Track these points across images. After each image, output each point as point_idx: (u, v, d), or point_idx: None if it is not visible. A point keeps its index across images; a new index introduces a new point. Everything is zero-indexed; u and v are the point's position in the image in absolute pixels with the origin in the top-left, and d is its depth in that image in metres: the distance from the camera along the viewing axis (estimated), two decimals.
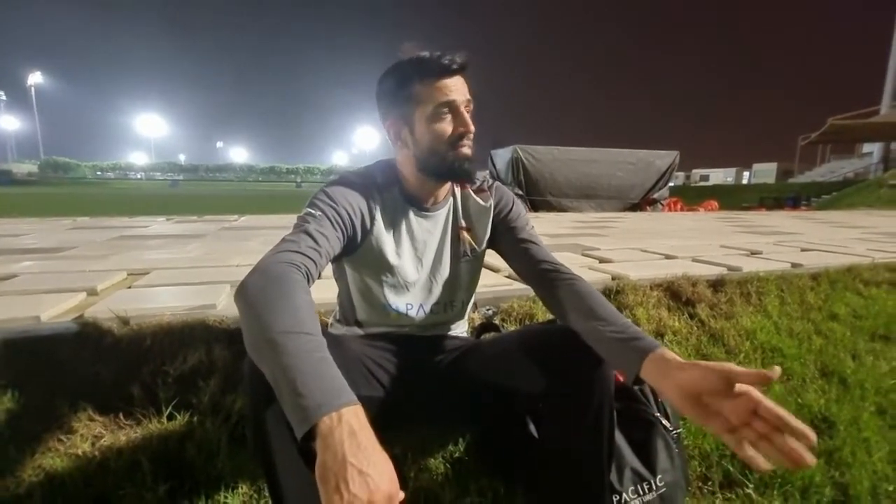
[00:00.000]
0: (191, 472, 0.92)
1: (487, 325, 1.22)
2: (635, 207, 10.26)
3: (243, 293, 0.67)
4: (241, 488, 0.91)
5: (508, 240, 1.02)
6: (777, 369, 0.58)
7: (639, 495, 0.90)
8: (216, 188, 35.45)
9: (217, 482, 0.90)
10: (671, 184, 11.25)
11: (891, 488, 1.14)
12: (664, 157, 10.70)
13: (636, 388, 1.04)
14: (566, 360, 0.82)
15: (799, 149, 27.74)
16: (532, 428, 0.97)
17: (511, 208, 1.04)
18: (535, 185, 9.95)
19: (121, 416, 1.01)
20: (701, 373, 0.62)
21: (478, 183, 1.03)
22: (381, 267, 0.94)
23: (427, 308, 1.00)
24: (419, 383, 0.95)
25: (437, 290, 1.00)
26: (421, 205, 0.97)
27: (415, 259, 0.98)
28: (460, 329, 1.10)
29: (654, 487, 0.91)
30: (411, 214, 0.96)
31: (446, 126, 0.87)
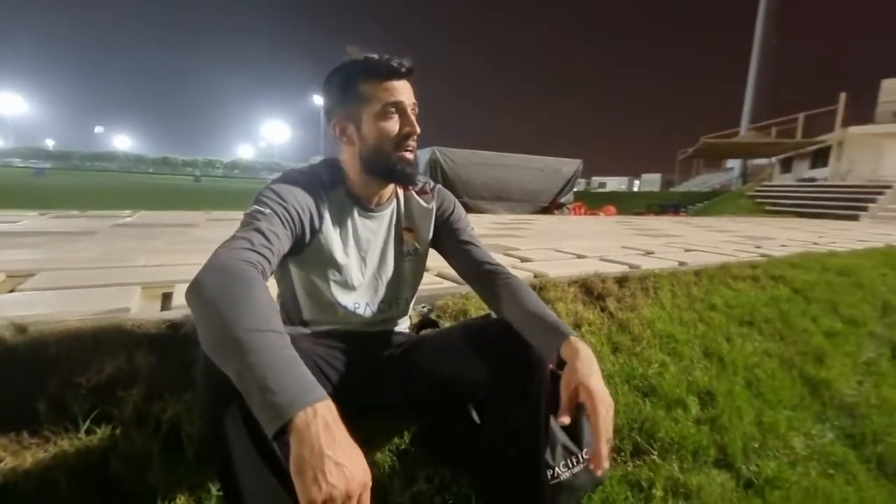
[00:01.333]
0: (119, 489, 0.85)
1: (426, 322, 1.27)
2: (545, 210, 10.96)
3: (199, 291, 0.65)
4: (179, 500, 0.86)
5: (450, 241, 1.08)
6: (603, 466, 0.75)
7: (569, 468, 1.00)
8: (96, 179, 31.25)
9: (151, 496, 0.85)
10: (575, 189, 12.18)
11: (756, 445, 1.38)
12: (569, 165, 11.54)
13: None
14: (504, 349, 0.89)
15: (678, 162, 31.49)
16: (474, 415, 1.03)
17: (453, 211, 1.10)
18: (453, 187, 10.19)
19: (24, 434, 0.90)
20: (574, 386, 0.78)
21: (420, 185, 1.08)
22: (328, 266, 0.95)
23: (374, 306, 1.02)
24: (367, 379, 0.98)
25: (383, 288, 1.03)
26: (365, 205, 0.99)
27: (360, 258, 1.00)
28: (404, 325, 1.14)
29: (580, 460, 1.02)
30: (356, 214, 0.99)
31: (393, 125, 0.91)
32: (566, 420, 0.81)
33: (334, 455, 0.52)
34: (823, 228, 6.90)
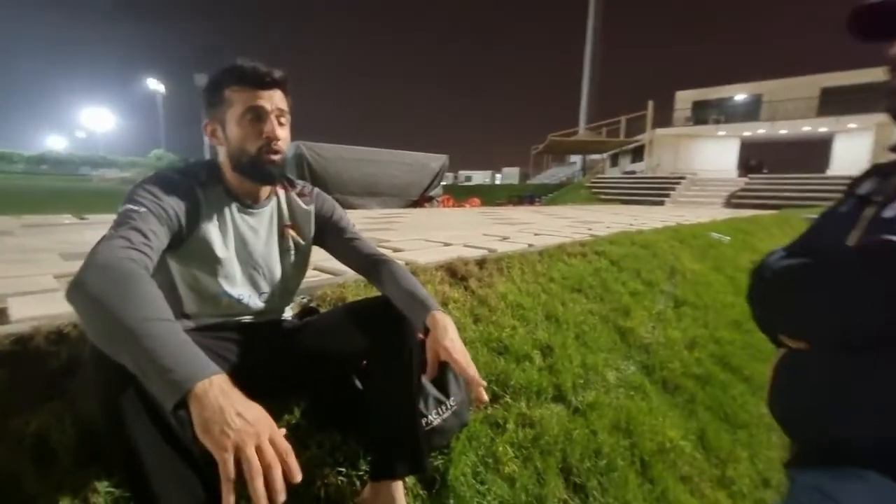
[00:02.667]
0: None
1: (309, 310, 1.37)
2: (415, 204, 11.32)
3: (83, 289, 0.69)
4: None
5: (335, 239, 1.20)
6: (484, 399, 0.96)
7: (439, 415, 1.21)
8: None
9: None
10: (443, 183, 12.81)
11: (582, 382, 1.77)
12: (436, 160, 12.07)
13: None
14: (384, 322, 1.06)
15: (532, 157, 34.92)
16: (357, 383, 1.18)
17: (333, 211, 1.22)
18: (321, 182, 9.93)
19: None
20: (435, 348, 0.97)
21: (299, 187, 1.18)
22: (211, 259, 1.01)
23: (260, 297, 1.10)
24: (256, 367, 1.06)
25: (268, 281, 1.12)
26: (244, 202, 1.07)
27: (242, 253, 1.07)
28: (288, 314, 1.23)
29: (448, 407, 1.24)
30: (236, 211, 1.05)
31: (253, 129, 0.97)
32: (432, 375, 1.01)
33: (234, 408, 0.61)
34: (638, 212, 8.42)
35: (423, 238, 3.31)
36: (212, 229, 1.00)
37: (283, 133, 1.03)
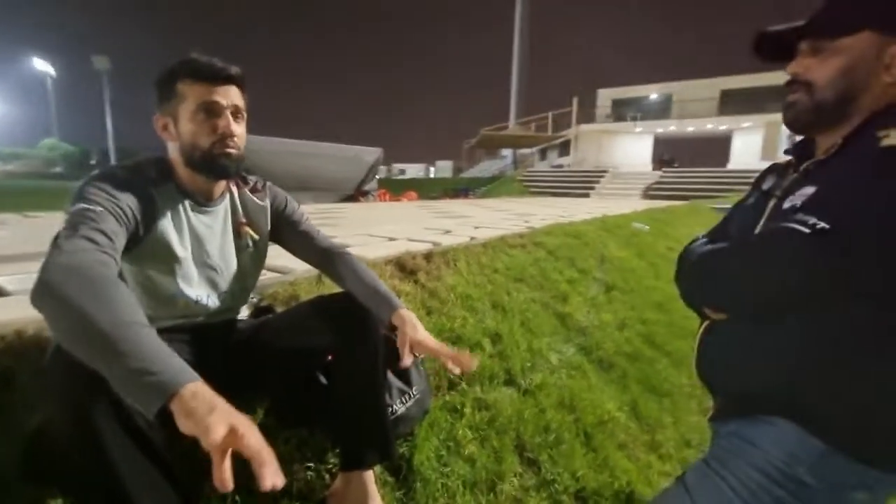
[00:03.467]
0: None
1: (264, 309, 1.35)
2: (350, 199, 11.12)
3: (51, 292, 0.66)
4: None
5: (290, 234, 1.19)
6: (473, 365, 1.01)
7: (403, 404, 1.26)
8: None
9: None
10: (377, 177, 12.68)
11: (529, 365, 1.90)
12: (371, 153, 11.91)
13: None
14: (349, 317, 1.09)
15: (464, 150, 35.42)
16: (322, 378, 1.20)
17: (286, 205, 1.21)
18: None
19: None
20: (409, 344, 1.02)
21: (251, 182, 1.16)
22: (168, 259, 0.98)
23: (217, 297, 1.08)
24: (217, 369, 1.03)
25: (226, 279, 1.10)
26: (198, 199, 1.04)
27: (198, 252, 1.04)
28: (244, 314, 1.22)
29: (412, 396, 1.29)
30: (189, 209, 1.03)
31: (207, 124, 0.95)
32: (407, 363, 1.03)
33: (220, 408, 0.60)
34: (568, 204, 8.90)
35: (366, 233, 3.30)
36: (168, 228, 0.97)
37: (240, 129, 1.01)
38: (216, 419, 0.58)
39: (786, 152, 0.87)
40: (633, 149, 24.61)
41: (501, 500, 1.29)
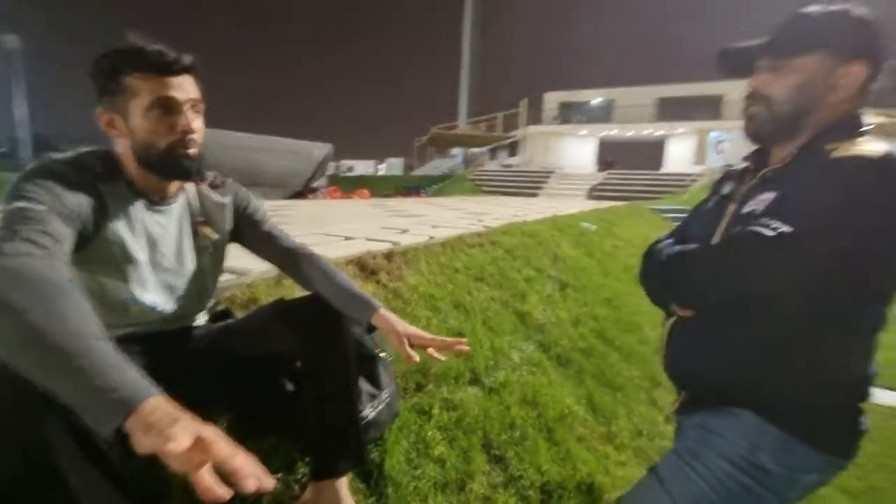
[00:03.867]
0: None
1: (221, 313, 1.27)
2: (298, 195, 10.76)
3: None
4: None
5: (253, 233, 1.13)
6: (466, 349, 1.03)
7: (374, 408, 1.23)
8: None
9: None
10: (327, 173, 12.36)
11: (493, 363, 1.92)
12: (321, 149, 11.58)
13: (365, 333, 1.36)
14: (319, 320, 1.05)
15: (416, 148, 35.31)
16: (289, 385, 1.15)
17: (248, 203, 1.15)
18: None
19: None
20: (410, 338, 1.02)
21: (210, 178, 1.09)
22: (121, 263, 0.90)
23: (175, 301, 1.01)
24: (176, 377, 0.96)
25: (184, 282, 1.03)
26: (151, 198, 0.97)
27: (153, 253, 0.97)
28: (202, 319, 1.14)
29: (381, 399, 1.26)
30: (142, 208, 0.95)
31: (164, 122, 0.88)
32: (416, 359, 1.01)
33: (182, 420, 0.55)
34: (519, 204, 9.11)
35: (321, 232, 3.21)
36: (121, 230, 0.89)
37: (199, 124, 0.95)
38: (178, 430, 0.53)
39: (744, 159, 0.94)
40: (578, 151, 25.57)
41: (472, 500, 1.30)
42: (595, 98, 26.82)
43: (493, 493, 1.36)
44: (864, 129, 0.78)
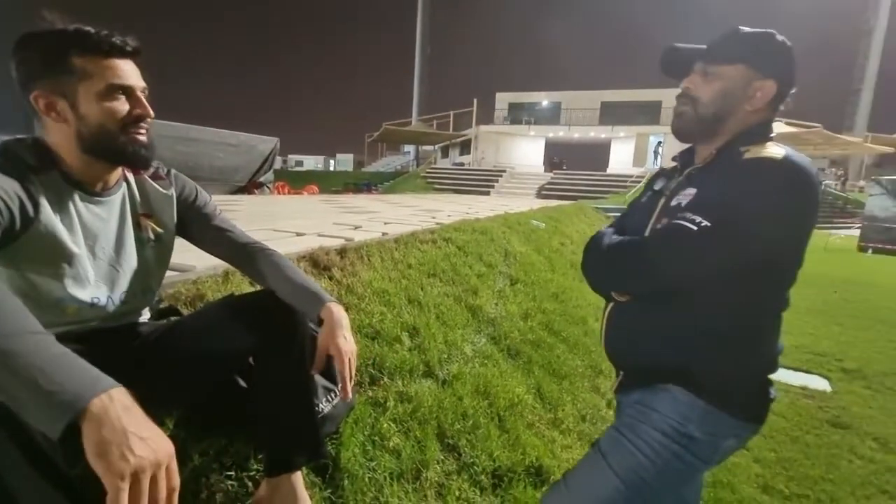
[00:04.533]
0: None
1: (168, 310, 1.23)
2: (242, 191, 10.31)
3: None
4: None
5: (201, 228, 1.10)
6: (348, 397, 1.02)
7: (329, 402, 1.24)
8: None
9: None
10: (274, 168, 11.91)
11: (446, 356, 1.97)
12: (266, 143, 11.13)
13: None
14: (272, 316, 1.04)
15: (367, 144, 34.80)
16: (241, 382, 1.13)
17: (196, 196, 1.12)
18: None
19: None
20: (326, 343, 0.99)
21: (153, 168, 1.05)
22: (56, 258, 0.86)
23: (117, 297, 0.97)
24: (121, 375, 0.93)
25: (126, 278, 0.99)
26: (88, 189, 0.93)
27: (91, 248, 0.93)
28: (146, 316, 1.10)
29: (337, 394, 1.27)
30: (78, 200, 0.91)
31: (120, 106, 0.87)
32: (319, 368, 1.03)
33: (138, 430, 0.54)
34: (471, 201, 9.25)
35: (270, 228, 3.12)
36: (55, 223, 0.85)
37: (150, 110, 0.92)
38: (127, 451, 0.52)
39: (673, 159, 1.03)
40: (527, 150, 26.26)
41: (426, 488, 1.33)
42: (543, 100, 27.63)
43: (447, 481, 1.41)
44: (772, 135, 0.88)
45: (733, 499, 1.92)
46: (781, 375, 3.29)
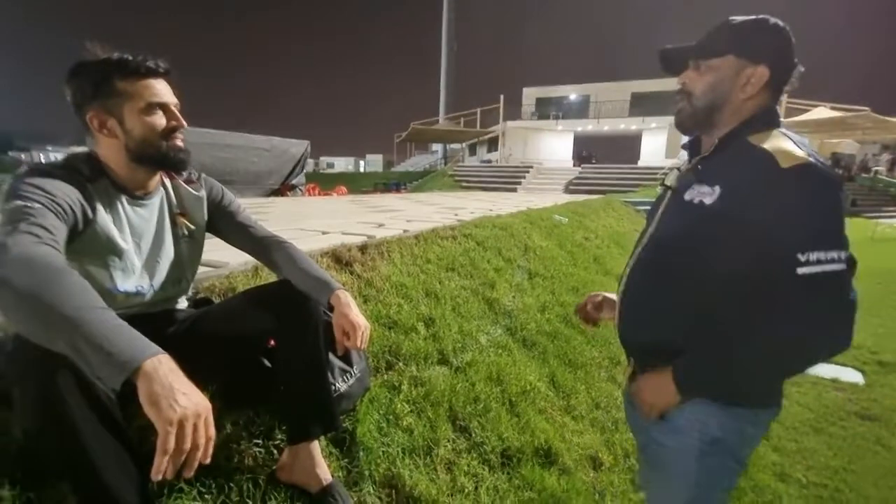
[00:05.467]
0: None
1: (202, 300, 1.38)
2: (276, 193, 10.69)
3: (9, 285, 0.70)
4: None
5: (227, 224, 1.25)
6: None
7: (346, 382, 1.36)
8: None
9: None
10: (306, 170, 12.29)
11: (460, 346, 2.07)
12: (297, 146, 11.50)
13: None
14: (287, 303, 1.17)
15: (395, 144, 35.21)
16: (265, 362, 1.27)
17: (222, 196, 1.26)
18: None
19: None
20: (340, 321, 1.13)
21: (185, 174, 1.20)
22: (108, 253, 1.01)
23: (156, 286, 1.12)
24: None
25: (164, 269, 1.14)
26: (133, 194, 1.07)
27: (135, 244, 1.08)
28: (183, 304, 1.25)
29: (353, 375, 1.39)
30: (126, 203, 1.06)
31: (159, 119, 1.02)
32: (342, 350, 1.15)
33: (181, 388, 0.68)
34: (496, 198, 9.29)
35: (298, 227, 3.30)
36: (108, 223, 1.00)
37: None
38: (175, 404, 0.66)
39: (683, 147, 1.07)
40: (555, 145, 25.93)
41: (437, 462, 1.44)
42: (571, 94, 27.19)
43: (457, 458, 1.51)
44: (777, 121, 0.90)
45: (747, 485, 1.94)
46: (811, 368, 3.22)
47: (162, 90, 1.02)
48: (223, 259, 1.88)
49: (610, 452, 1.93)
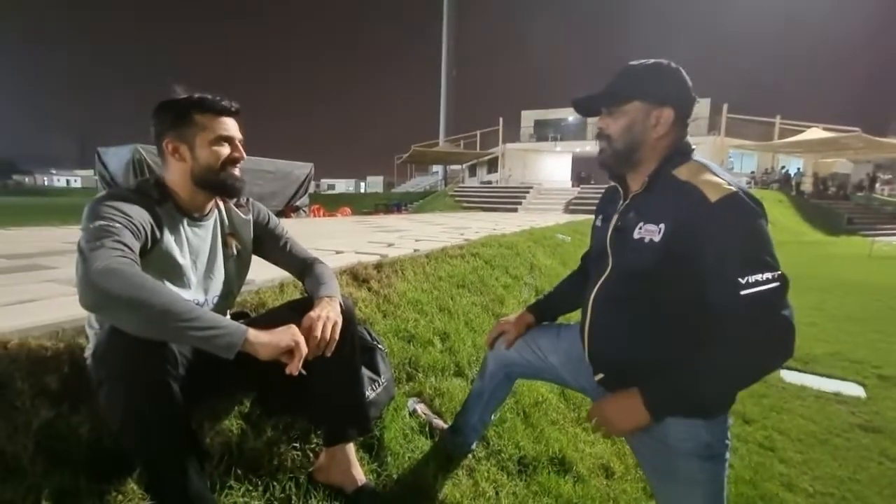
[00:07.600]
0: None
1: (239, 313, 1.48)
2: (280, 215, 10.85)
3: (113, 294, 0.81)
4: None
5: (272, 246, 1.36)
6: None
7: (374, 391, 1.45)
8: None
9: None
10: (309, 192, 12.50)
11: (474, 359, 2.15)
12: (301, 168, 11.73)
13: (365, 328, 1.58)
14: None
15: (396, 166, 35.70)
16: (302, 370, 1.35)
17: (268, 220, 1.37)
18: None
19: None
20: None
21: (236, 199, 1.31)
22: (170, 270, 1.12)
23: (209, 299, 1.22)
24: (205, 365, 1.17)
25: (216, 284, 1.24)
26: (192, 215, 1.19)
27: (194, 261, 1.19)
28: (228, 316, 1.35)
29: (380, 384, 1.48)
30: (186, 224, 1.17)
31: (224, 150, 1.15)
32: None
33: (272, 335, 0.96)
34: (498, 218, 9.44)
35: (312, 247, 3.40)
36: (171, 242, 1.11)
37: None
38: (279, 339, 0.97)
39: (610, 178, 1.17)
40: (554, 166, 26.34)
41: (459, 468, 1.51)
42: (569, 115, 27.73)
43: (477, 465, 1.58)
44: (693, 149, 1.02)
45: (755, 494, 1.99)
46: (813, 382, 3.28)
47: (231, 126, 1.16)
48: (250, 276, 1.97)
49: (621, 462, 1.99)
